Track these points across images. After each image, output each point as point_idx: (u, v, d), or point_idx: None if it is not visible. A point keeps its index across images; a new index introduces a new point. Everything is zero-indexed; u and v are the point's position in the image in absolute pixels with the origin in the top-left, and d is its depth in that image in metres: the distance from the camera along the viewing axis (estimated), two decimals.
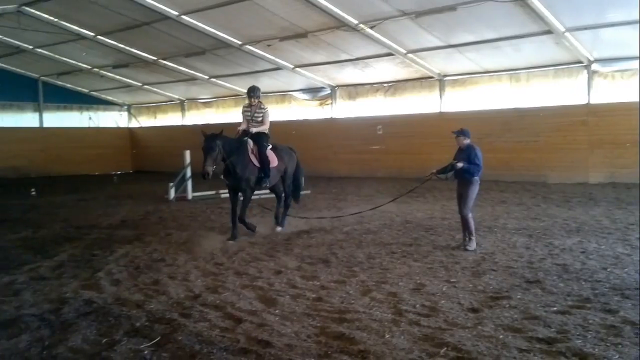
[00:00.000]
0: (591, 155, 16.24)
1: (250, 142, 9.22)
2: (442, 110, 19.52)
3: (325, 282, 6.26)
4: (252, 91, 9.44)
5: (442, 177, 8.26)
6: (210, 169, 8.29)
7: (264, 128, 9.50)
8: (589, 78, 16.48)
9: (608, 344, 4.25)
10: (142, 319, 5.05)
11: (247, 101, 9.63)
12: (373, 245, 8.25)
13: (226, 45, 18.76)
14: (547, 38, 15.21)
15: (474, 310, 5.21)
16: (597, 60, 16.23)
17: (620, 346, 4.21)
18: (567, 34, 14.83)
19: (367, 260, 7.29)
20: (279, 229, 9.56)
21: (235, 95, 25.47)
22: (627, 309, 5.07)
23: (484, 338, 4.43)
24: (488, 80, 18.65)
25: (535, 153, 17.20)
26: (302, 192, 10.97)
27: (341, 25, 15.89)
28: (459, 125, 8.17)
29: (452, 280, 6.26)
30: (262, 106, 9.50)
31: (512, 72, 17.91)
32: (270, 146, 9.52)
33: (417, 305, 5.34)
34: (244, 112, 9.63)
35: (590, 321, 4.76)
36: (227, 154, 8.67)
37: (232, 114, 25.64)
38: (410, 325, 4.80)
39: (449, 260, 7.19)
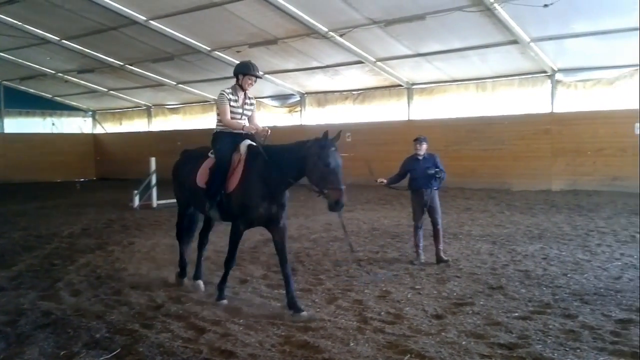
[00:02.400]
0: (554, 163, 16.62)
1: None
2: (410, 118, 19.73)
3: None
4: (251, 68, 6.04)
5: (395, 188, 8.06)
6: None
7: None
8: (552, 87, 16.89)
9: (567, 349, 4.33)
10: (102, 330, 4.92)
11: (229, 87, 6.17)
12: (340, 253, 8.25)
13: (195, 51, 18.63)
14: (512, 48, 15.56)
15: (438, 316, 5.25)
16: (560, 70, 16.65)
17: (578, 350, 4.30)
18: (532, 44, 15.19)
19: (333, 268, 7.28)
20: None
21: (203, 102, 25.31)
22: (586, 314, 5.19)
23: (447, 344, 4.47)
24: (455, 89, 18.96)
25: (500, 161, 17.51)
26: None
27: (311, 32, 15.94)
28: (426, 133, 8.19)
29: (417, 287, 6.31)
30: (251, 97, 6.33)
31: (479, 80, 18.25)
32: None
33: (382, 313, 5.35)
34: (227, 101, 5.99)
35: (551, 326, 4.85)
36: None
37: (199, 121, 25.48)
38: (375, 332, 4.80)
39: (414, 267, 7.24)
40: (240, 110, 6.11)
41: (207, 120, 25.86)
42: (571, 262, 7.37)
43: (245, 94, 6.16)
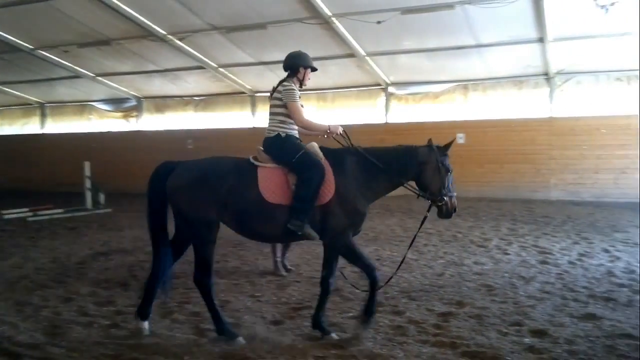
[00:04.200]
0: None
1: None
2: (255, 126, 19.78)
3: (122, 307, 5.78)
4: (311, 60, 5.44)
5: None
6: None
7: None
8: (386, 100, 18.07)
9: (395, 344, 4.57)
10: None
11: (287, 80, 5.22)
12: (177, 264, 7.87)
13: (15, 49, 16.76)
14: (350, 61, 16.34)
15: (277, 322, 5.24)
16: (393, 84, 17.88)
17: (405, 344, 4.55)
18: (367, 58, 16.08)
19: (169, 281, 6.93)
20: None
21: (25, 104, 22.97)
22: (412, 309, 5.54)
23: (284, 349, 4.46)
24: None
25: None
26: (103, 211, 9.93)
27: (148, 34, 15.21)
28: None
29: (257, 294, 6.24)
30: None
31: (319, 91, 18.87)
32: None
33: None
34: (299, 98, 5.12)
35: (381, 323, 5.08)
36: None
37: (20, 125, 23.20)
38: (212, 344, 4.64)
39: (255, 275, 7.18)
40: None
41: (30, 126, 23.68)
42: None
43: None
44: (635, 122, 14.71)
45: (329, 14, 13.39)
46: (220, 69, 17.89)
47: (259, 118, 19.82)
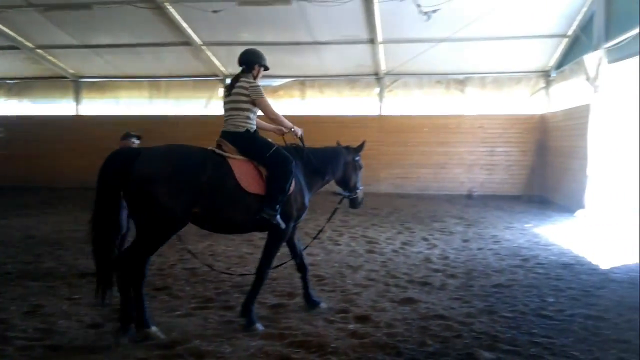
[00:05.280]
0: None
1: None
2: (79, 113, 18.22)
3: None
4: (266, 59, 5.45)
5: None
6: None
7: None
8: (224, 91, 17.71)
9: (223, 339, 4.45)
10: None
11: (247, 77, 5.24)
12: None
13: None
14: (185, 49, 15.76)
15: (96, 325, 4.84)
16: (231, 75, 17.53)
17: (234, 339, 4.45)
18: (204, 47, 15.64)
19: None
20: None
21: None
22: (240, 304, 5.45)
23: (103, 354, 4.14)
24: (128, 86, 18.25)
25: None
26: None
27: None
28: (97, 131, 7.53)
29: (75, 297, 5.70)
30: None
31: (153, 79, 17.95)
32: None
33: (30, 330, 4.67)
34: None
35: (210, 320, 4.93)
36: None
37: None
38: (24, 350, 4.21)
39: (74, 276, 6.55)
40: None
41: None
42: (236, 257, 7.74)
43: None
44: (453, 122, 16.30)
45: None
46: (38, 50, 16.16)
47: (85, 105, 18.29)
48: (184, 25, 14.25)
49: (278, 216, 4.76)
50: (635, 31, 9.75)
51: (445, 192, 16.18)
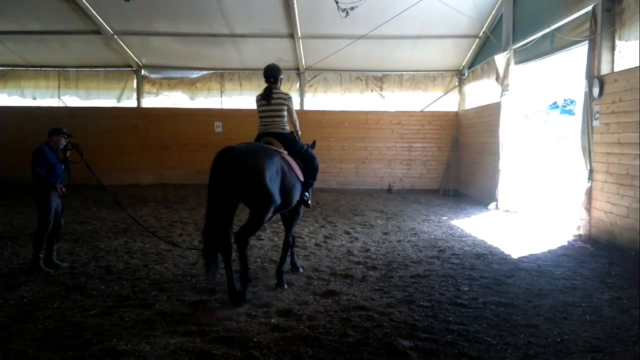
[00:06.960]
0: (142, 157, 16.86)
1: None
2: None
3: None
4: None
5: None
6: None
7: None
8: (138, 83, 17.04)
9: (141, 337, 4.28)
10: None
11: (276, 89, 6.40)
12: None
13: None
14: (96, 38, 15.04)
15: (3, 327, 4.53)
16: (146, 67, 16.94)
17: (152, 337, 4.30)
18: (116, 37, 14.98)
19: None
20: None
21: None
22: (163, 301, 5.29)
23: (10, 356, 3.89)
24: (34, 75, 17.11)
25: (89, 155, 16.64)
26: None
27: None
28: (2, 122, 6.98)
29: None
30: None
31: (61, 69, 16.94)
32: None
33: None
34: None
35: (127, 318, 4.74)
36: None
37: None
38: None
39: None
40: None
41: None
42: (154, 254, 7.48)
43: None
44: (373, 118, 16.63)
45: None
46: None
47: None
48: (94, 12, 13.57)
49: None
50: (539, 34, 10.36)
51: (366, 187, 16.51)
